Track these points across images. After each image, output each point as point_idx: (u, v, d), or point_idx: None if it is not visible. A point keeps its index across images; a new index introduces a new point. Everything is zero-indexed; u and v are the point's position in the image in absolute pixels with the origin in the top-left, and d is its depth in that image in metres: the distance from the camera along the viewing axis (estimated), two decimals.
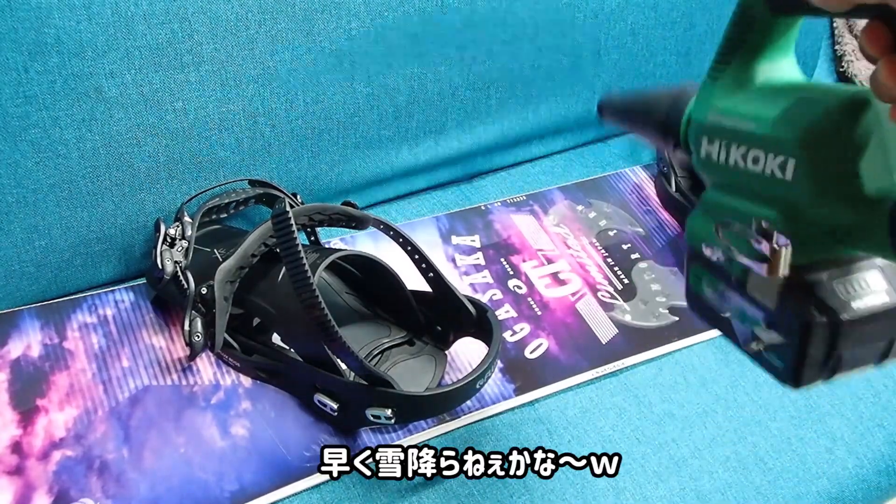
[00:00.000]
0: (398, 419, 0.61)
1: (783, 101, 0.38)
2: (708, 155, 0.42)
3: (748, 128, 0.40)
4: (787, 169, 0.37)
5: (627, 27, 0.94)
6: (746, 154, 0.39)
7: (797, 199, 0.37)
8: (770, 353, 0.39)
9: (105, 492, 0.59)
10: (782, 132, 0.37)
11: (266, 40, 0.72)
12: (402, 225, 0.79)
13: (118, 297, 0.72)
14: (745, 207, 0.40)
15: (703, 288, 0.44)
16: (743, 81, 0.42)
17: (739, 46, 0.42)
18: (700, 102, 0.44)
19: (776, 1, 0.39)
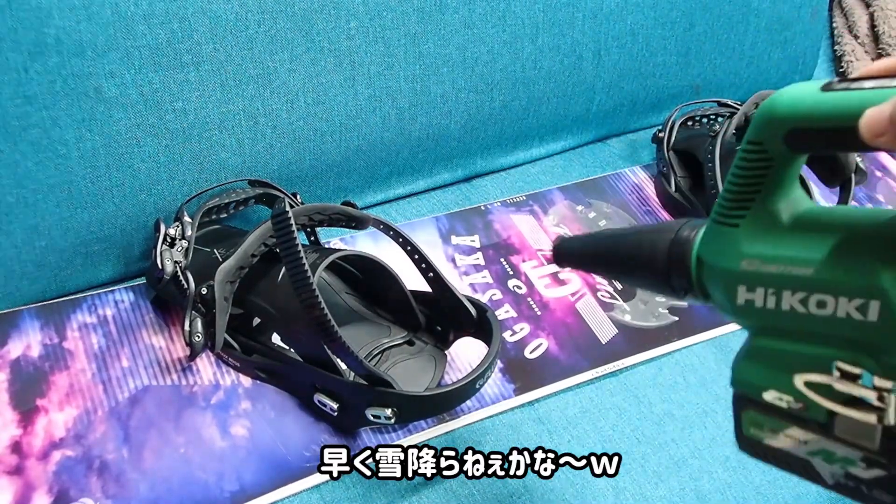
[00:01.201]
0: (398, 419, 0.61)
1: (833, 240, 0.37)
2: (749, 302, 0.39)
3: (804, 273, 0.37)
4: (869, 310, 0.35)
5: (627, 27, 0.94)
6: (807, 299, 0.37)
7: (883, 337, 0.35)
8: (874, 488, 0.37)
9: (105, 492, 0.59)
10: (854, 275, 0.35)
11: (265, 40, 0.72)
12: (402, 225, 0.79)
13: (118, 297, 0.72)
14: (816, 352, 0.37)
15: (766, 434, 0.41)
16: (770, 223, 0.39)
17: (758, 188, 0.39)
18: (721, 248, 0.41)
19: (799, 142, 0.37)
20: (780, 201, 0.39)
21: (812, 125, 0.35)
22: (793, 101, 0.36)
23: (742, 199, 0.39)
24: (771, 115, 0.37)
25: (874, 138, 0.32)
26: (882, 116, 0.31)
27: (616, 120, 1.02)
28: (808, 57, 1.13)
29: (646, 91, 1.01)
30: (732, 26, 1.02)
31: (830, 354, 0.37)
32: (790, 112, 0.36)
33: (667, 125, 0.94)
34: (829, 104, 0.35)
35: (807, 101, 0.35)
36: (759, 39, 1.06)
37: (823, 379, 0.37)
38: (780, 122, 0.36)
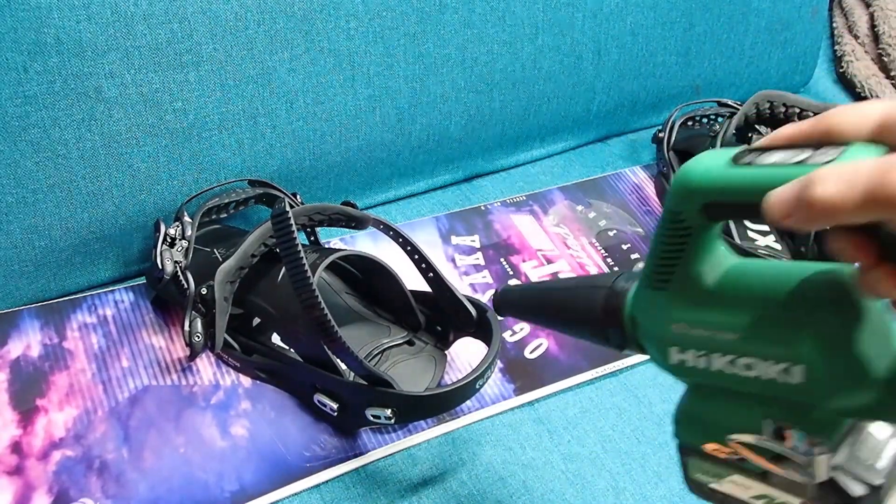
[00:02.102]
0: (398, 419, 0.61)
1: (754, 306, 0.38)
2: (682, 362, 0.40)
3: (729, 338, 0.38)
4: (792, 374, 0.36)
5: (627, 27, 0.94)
6: (735, 362, 0.38)
7: (807, 398, 0.36)
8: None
9: (105, 492, 0.59)
10: (779, 342, 0.36)
11: (265, 40, 0.72)
12: (401, 225, 0.79)
13: (118, 297, 0.72)
14: (745, 410, 0.38)
15: (710, 479, 0.42)
16: (695, 287, 0.40)
17: (679, 255, 0.39)
18: (651, 311, 0.42)
19: (715, 213, 0.37)
20: (703, 265, 0.39)
21: (724, 199, 0.36)
22: (704, 174, 0.36)
23: (666, 265, 0.40)
24: (686, 189, 0.37)
25: (782, 219, 0.32)
26: (784, 199, 0.32)
27: (616, 120, 1.02)
28: (808, 57, 1.13)
29: (646, 91, 1.01)
30: (732, 26, 1.02)
31: (761, 413, 0.37)
32: (703, 186, 0.36)
33: (667, 125, 0.94)
34: (736, 180, 0.35)
35: (717, 176, 0.36)
36: (759, 39, 1.06)
37: (752, 439, 0.38)
38: (695, 196, 0.37)
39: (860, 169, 0.29)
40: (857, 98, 1.14)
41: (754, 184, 0.34)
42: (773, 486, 0.38)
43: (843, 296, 0.35)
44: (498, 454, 0.66)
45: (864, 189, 0.29)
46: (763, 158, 0.35)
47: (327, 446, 0.64)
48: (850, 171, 0.30)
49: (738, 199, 0.35)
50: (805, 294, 0.36)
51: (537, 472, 0.65)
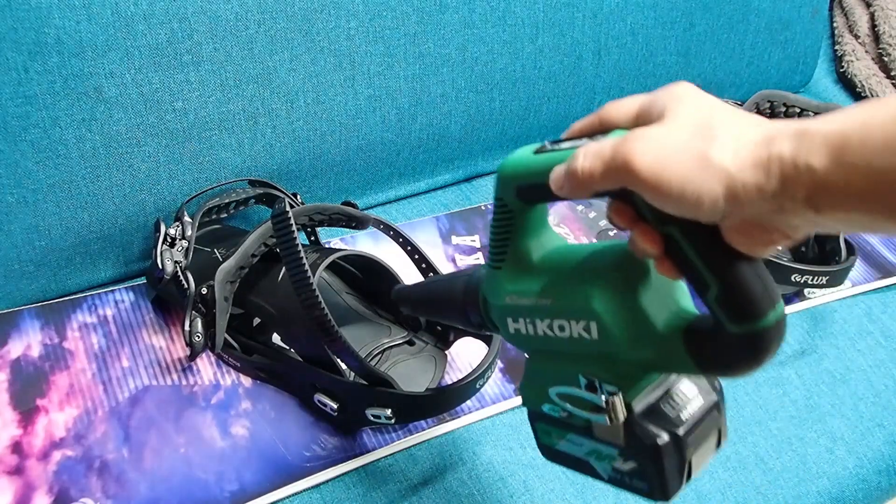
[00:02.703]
0: (398, 419, 0.61)
1: (564, 274, 0.44)
2: (517, 331, 0.47)
3: (545, 304, 0.44)
4: (591, 330, 0.42)
5: (627, 27, 0.94)
6: (552, 325, 0.44)
7: (608, 351, 0.42)
8: (634, 479, 0.44)
9: (105, 492, 0.59)
10: (577, 302, 0.42)
11: (265, 40, 0.72)
12: (402, 225, 0.79)
13: (118, 297, 0.72)
14: (566, 368, 0.44)
15: (555, 440, 0.48)
16: (522, 263, 0.46)
17: (508, 236, 0.46)
18: (492, 288, 0.48)
19: (525, 195, 0.44)
20: (528, 243, 0.46)
21: (528, 182, 0.43)
22: (514, 164, 0.43)
23: (499, 246, 0.47)
24: (501, 176, 0.44)
25: (558, 190, 0.40)
26: (558, 174, 0.40)
27: None
28: (808, 57, 1.13)
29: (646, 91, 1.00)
30: (732, 26, 1.02)
31: (576, 369, 0.43)
32: (512, 173, 0.43)
33: None
34: (534, 164, 0.42)
35: (522, 164, 0.43)
36: (759, 39, 1.06)
37: (568, 390, 0.44)
38: (508, 182, 0.44)
39: (604, 145, 0.37)
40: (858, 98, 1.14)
41: (545, 165, 0.41)
42: (597, 440, 0.44)
43: (627, 260, 0.42)
44: (498, 454, 0.66)
45: (604, 161, 0.37)
46: (558, 147, 0.42)
47: (327, 446, 0.64)
48: (598, 147, 0.38)
49: (537, 179, 0.42)
50: (597, 260, 0.43)
51: (537, 472, 0.65)
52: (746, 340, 0.37)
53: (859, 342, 0.81)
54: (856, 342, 0.81)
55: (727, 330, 0.37)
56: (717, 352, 0.39)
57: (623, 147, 0.36)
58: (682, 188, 0.35)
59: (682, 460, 0.42)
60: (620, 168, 0.36)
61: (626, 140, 0.36)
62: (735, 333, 0.37)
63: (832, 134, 0.32)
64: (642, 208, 0.38)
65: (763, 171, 0.34)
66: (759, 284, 0.37)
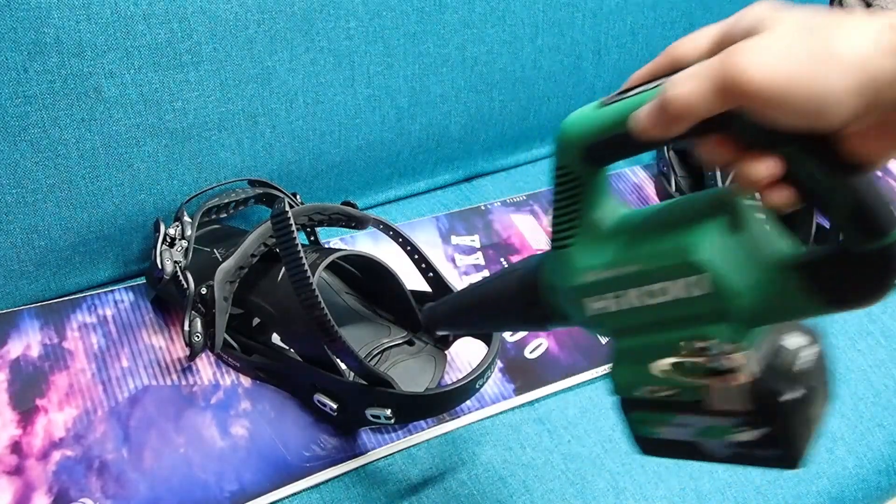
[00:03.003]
0: (398, 419, 0.61)
1: (653, 234, 0.40)
2: (601, 311, 0.43)
3: (636, 270, 0.40)
4: (699, 285, 0.38)
5: (627, 27, 0.94)
6: (646, 292, 0.40)
7: (720, 306, 0.38)
8: (757, 449, 0.40)
9: (105, 492, 0.59)
10: (678, 257, 0.38)
11: (265, 40, 0.72)
12: (401, 225, 0.79)
13: (118, 297, 0.72)
14: (667, 337, 0.40)
15: (655, 429, 0.43)
16: (595, 235, 0.43)
17: (576, 208, 0.43)
18: (563, 270, 0.44)
19: (595, 156, 0.40)
20: (599, 212, 0.43)
21: (599, 139, 0.39)
22: (577, 123, 0.40)
23: (566, 221, 0.43)
24: (564, 141, 0.41)
25: (644, 132, 0.36)
26: (644, 113, 0.36)
27: None
28: None
29: None
30: None
31: (680, 336, 0.39)
32: (578, 133, 0.40)
33: None
34: (605, 118, 0.39)
35: (588, 120, 0.40)
36: None
37: (678, 360, 0.40)
38: (574, 145, 0.40)
39: (704, 65, 0.33)
40: None
41: (619, 114, 0.38)
42: (712, 415, 0.40)
43: (725, 203, 0.39)
44: (498, 454, 0.66)
45: (708, 79, 0.33)
46: (625, 96, 0.38)
47: (327, 446, 0.64)
48: (697, 69, 0.34)
49: (611, 133, 0.38)
50: (687, 211, 0.40)
51: (537, 472, 0.65)
52: (878, 258, 0.34)
53: (859, 342, 0.81)
54: (856, 342, 0.81)
55: (856, 250, 0.34)
56: (844, 280, 0.36)
57: (730, 60, 0.32)
58: (807, 92, 0.31)
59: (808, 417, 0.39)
60: (730, 84, 0.32)
61: (729, 53, 0.32)
62: (866, 252, 0.34)
63: None
64: (748, 134, 0.34)
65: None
66: (884, 197, 0.34)
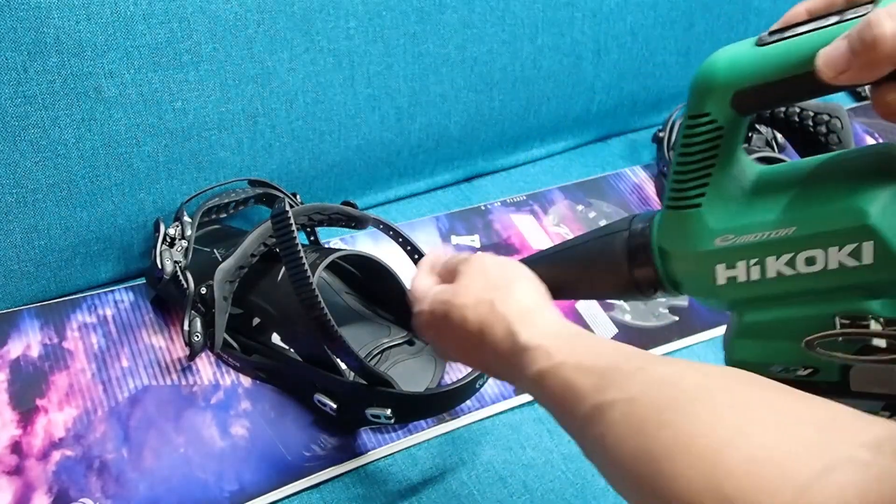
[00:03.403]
0: (398, 419, 0.61)
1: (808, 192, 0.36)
2: (731, 280, 0.38)
3: (786, 234, 0.36)
4: (863, 253, 0.34)
5: (627, 27, 0.94)
6: (794, 260, 0.36)
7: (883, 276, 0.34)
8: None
9: (104, 492, 0.59)
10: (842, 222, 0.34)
11: (265, 40, 0.72)
12: (401, 225, 0.79)
13: (118, 297, 0.72)
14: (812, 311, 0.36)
15: None
16: (733, 194, 0.38)
17: (712, 162, 0.38)
18: (685, 233, 0.40)
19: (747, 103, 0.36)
20: (735, 170, 0.38)
21: (760, 82, 0.35)
22: (731, 64, 0.36)
23: (698, 177, 0.38)
24: (711, 83, 0.36)
25: (837, 76, 0.32)
26: (839, 53, 0.31)
27: (616, 120, 1.02)
28: None
29: (646, 91, 1.01)
30: (732, 26, 1.02)
31: (830, 309, 0.36)
32: (730, 76, 0.35)
33: (667, 125, 0.94)
34: (774, 57, 0.34)
35: (749, 61, 0.35)
36: None
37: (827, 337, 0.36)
38: (723, 88, 0.36)
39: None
40: (858, 97, 1.14)
41: (798, 53, 0.33)
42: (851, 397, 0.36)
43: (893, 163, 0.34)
44: (498, 454, 0.65)
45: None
46: (790, 33, 0.34)
47: (327, 446, 0.63)
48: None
49: (779, 76, 0.34)
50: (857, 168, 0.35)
51: (537, 472, 0.65)
52: None
53: None
54: None
55: None
56: None
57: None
58: None
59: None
60: None
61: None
62: None
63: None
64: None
65: None
66: None
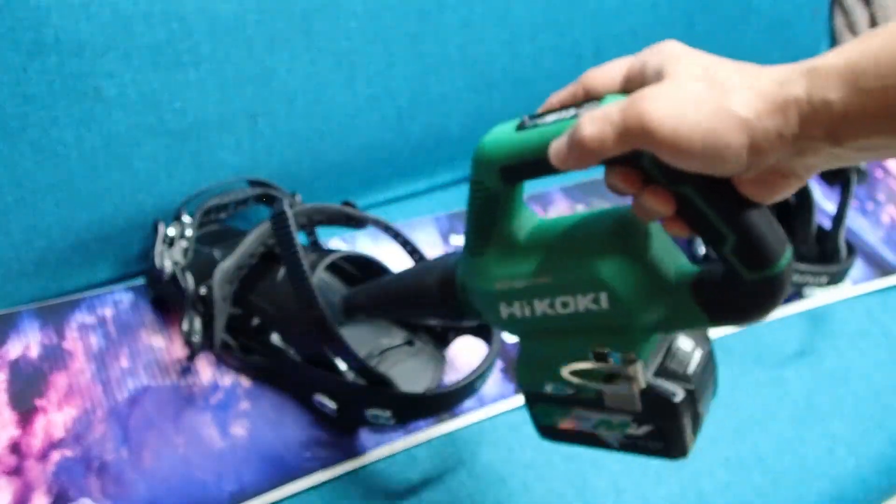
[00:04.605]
0: (398, 419, 0.61)
1: (561, 250, 0.43)
2: (511, 315, 0.45)
3: (543, 283, 0.43)
4: (601, 301, 0.41)
5: (627, 27, 0.94)
6: (553, 303, 0.43)
7: (619, 319, 0.41)
8: (649, 441, 0.44)
9: (104, 492, 0.59)
10: (582, 275, 0.41)
11: (265, 40, 0.72)
12: (401, 225, 0.79)
13: (117, 298, 0.72)
14: (570, 344, 0.43)
15: (557, 419, 0.47)
16: (509, 245, 0.45)
17: (490, 220, 0.45)
18: (476, 274, 0.47)
19: (511, 175, 0.42)
20: (512, 225, 0.45)
21: (516, 161, 0.41)
22: (495, 144, 0.42)
23: (480, 232, 0.45)
24: (482, 159, 0.43)
25: (561, 164, 0.38)
26: (561, 147, 0.38)
27: None
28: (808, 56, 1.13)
29: None
30: (732, 26, 1.02)
31: (584, 342, 0.43)
32: (495, 153, 0.42)
33: None
34: (523, 142, 0.41)
35: (506, 142, 0.42)
36: (759, 39, 1.06)
37: (583, 365, 0.43)
38: (491, 163, 0.42)
39: (612, 108, 0.36)
40: None
41: (537, 141, 0.40)
42: (608, 412, 0.44)
43: (626, 224, 0.42)
44: (498, 454, 0.65)
45: (615, 124, 0.35)
46: (542, 120, 0.41)
47: (327, 446, 0.63)
48: (605, 111, 0.36)
49: (527, 157, 0.40)
50: (593, 228, 0.43)
51: (537, 472, 0.65)
52: (763, 286, 0.37)
53: (859, 342, 0.81)
54: (856, 342, 0.81)
55: (743, 278, 0.37)
56: (731, 301, 0.39)
57: (636, 107, 0.35)
58: (704, 144, 0.34)
59: (696, 413, 0.43)
60: (635, 129, 0.34)
61: (636, 100, 0.35)
62: (751, 280, 0.37)
63: (842, 65, 0.33)
64: (652, 170, 0.37)
65: (782, 116, 0.34)
66: (772, 231, 0.37)
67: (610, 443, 0.45)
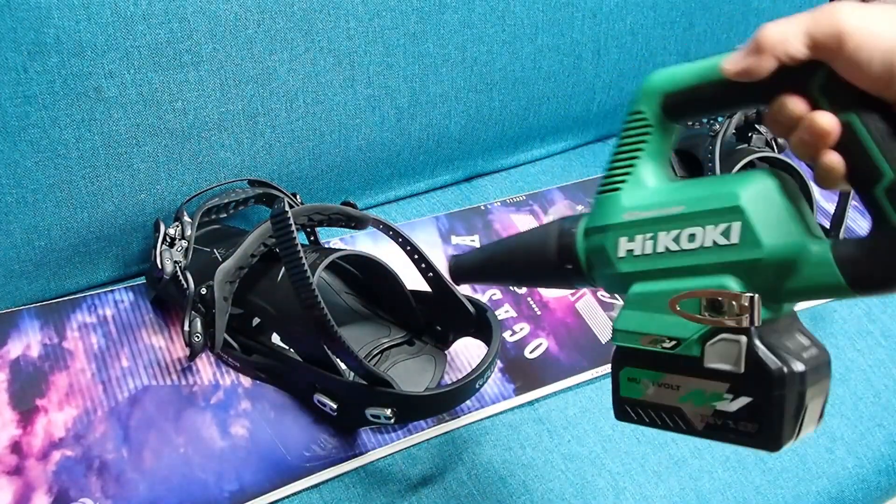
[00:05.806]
0: (398, 419, 0.61)
1: (701, 182, 0.43)
2: (629, 252, 0.45)
3: (676, 211, 0.43)
4: (731, 233, 0.40)
5: (627, 27, 0.94)
6: (679, 236, 0.42)
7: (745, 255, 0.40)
8: (740, 422, 0.40)
9: (104, 492, 0.59)
10: (719, 201, 0.41)
11: (265, 40, 0.72)
12: (401, 225, 0.79)
13: (118, 297, 0.72)
14: (685, 284, 0.42)
15: (641, 390, 0.44)
16: (647, 181, 0.45)
17: (637, 153, 0.45)
18: (603, 212, 0.46)
19: (674, 106, 0.44)
20: (657, 166, 0.45)
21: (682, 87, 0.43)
22: (665, 74, 0.44)
23: (624, 163, 0.46)
24: (647, 87, 0.44)
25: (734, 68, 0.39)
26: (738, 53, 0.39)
27: (616, 120, 1.02)
28: None
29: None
30: (732, 26, 1.02)
31: (699, 284, 0.42)
32: (661, 81, 0.44)
33: None
34: (694, 70, 0.42)
35: (677, 73, 0.43)
36: None
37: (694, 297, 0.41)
38: (655, 91, 0.44)
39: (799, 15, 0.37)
40: None
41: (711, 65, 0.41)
42: (703, 377, 0.41)
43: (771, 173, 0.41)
44: (498, 454, 0.66)
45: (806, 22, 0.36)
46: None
47: (327, 446, 0.64)
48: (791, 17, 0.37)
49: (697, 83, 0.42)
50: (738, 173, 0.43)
51: (537, 472, 0.65)
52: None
53: (859, 342, 0.81)
54: (856, 342, 0.81)
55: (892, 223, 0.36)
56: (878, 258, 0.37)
57: (830, 10, 0.36)
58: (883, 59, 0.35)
59: (801, 404, 0.40)
60: (824, 27, 0.36)
61: (829, 6, 0.36)
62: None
63: None
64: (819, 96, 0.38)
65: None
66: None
67: (693, 423, 0.42)
